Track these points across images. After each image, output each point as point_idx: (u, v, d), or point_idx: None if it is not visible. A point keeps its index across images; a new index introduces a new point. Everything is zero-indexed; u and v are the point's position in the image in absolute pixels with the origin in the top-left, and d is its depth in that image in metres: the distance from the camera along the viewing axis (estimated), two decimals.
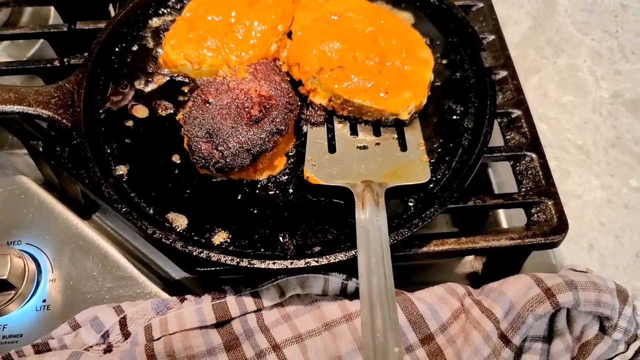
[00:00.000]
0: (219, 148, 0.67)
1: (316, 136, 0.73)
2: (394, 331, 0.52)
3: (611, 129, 0.91)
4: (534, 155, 0.75)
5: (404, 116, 0.72)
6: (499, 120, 0.80)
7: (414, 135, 0.73)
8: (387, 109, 0.71)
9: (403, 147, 0.72)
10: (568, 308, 0.65)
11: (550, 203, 0.71)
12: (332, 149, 0.72)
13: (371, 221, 0.61)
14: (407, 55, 0.75)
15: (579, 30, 1.03)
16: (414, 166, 0.69)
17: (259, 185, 0.70)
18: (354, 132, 0.74)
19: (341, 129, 0.74)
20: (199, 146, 0.68)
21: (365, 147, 0.72)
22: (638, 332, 0.66)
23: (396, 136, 0.73)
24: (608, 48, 1.01)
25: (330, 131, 0.74)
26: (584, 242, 0.80)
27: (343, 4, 0.81)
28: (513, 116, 0.79)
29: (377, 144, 0.72)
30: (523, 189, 0.74)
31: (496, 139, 0.81)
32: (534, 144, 0.76)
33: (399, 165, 0.69)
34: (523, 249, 0.69)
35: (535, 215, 0.71)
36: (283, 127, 0.69)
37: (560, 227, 0.69)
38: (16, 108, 0.69)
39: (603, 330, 0.66)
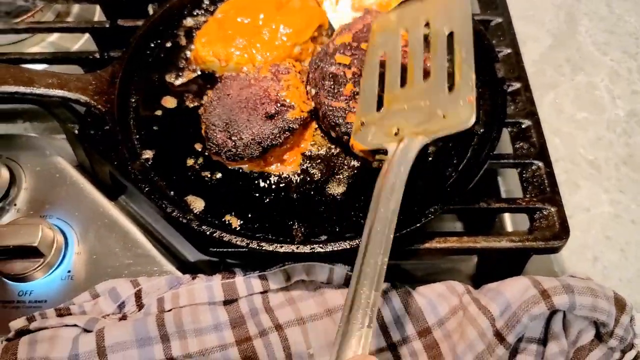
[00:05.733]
0: (233, 138, 0.72)
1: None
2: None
3: (624, 147, 0.92)
4: (540, 164, 0.77)
5: None
6: (509, 129, 0.83)
7: (465, 72, 0.65)
8: None
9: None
10: (564, 312, 0.66)
11: (553, 210, 0.72)
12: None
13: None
14: None
15: (598, 50, 1.05)
16: (458, 110, 0.63)
17: (274, 179, 0.74)
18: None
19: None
20: (215, 134, 0.73)
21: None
22: (634, 342, 0.67)
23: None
24: (627, 68, 1.02)
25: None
26: (589, 254, 0.81)
27: None
28: (523, 126, 0.82)
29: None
30: (528, 195, 0.76)
31: (507, 148, 0.83)
32: (542, 153, 0.78)
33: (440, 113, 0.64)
34: (523, 251, 0.71)
35: (538, 220, 0.73)
36: (295, 126, 0.73)
37: (562, 233, 0.70)
38: (58, 92, 0.76)
39: (599, 336, 0.67)
